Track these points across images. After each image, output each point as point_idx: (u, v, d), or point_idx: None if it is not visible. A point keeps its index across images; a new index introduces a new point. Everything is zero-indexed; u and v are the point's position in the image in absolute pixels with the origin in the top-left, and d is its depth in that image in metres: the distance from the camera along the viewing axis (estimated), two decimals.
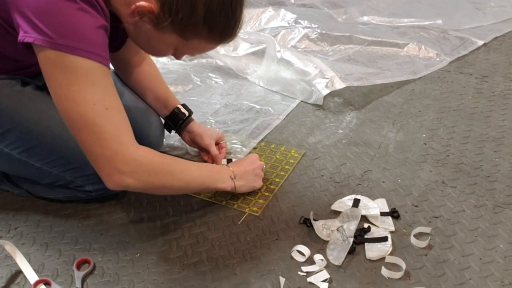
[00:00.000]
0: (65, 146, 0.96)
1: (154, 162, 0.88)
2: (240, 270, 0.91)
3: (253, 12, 2.12)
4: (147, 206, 1.07)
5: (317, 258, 0.92)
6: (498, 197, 1.09)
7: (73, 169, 0.99)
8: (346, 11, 2.24)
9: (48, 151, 0.97)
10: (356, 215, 1.00)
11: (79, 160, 0.96)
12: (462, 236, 0.98)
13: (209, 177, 0.99)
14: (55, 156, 0.97)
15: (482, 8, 2.29)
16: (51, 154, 0.97)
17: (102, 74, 0.81)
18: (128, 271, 0.91)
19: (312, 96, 1.50)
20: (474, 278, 0.88)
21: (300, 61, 1.56)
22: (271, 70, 1.60)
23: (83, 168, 0.98)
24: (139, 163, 0.85)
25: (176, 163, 0.96)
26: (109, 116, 0.82)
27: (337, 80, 1.49)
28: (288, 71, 1.56)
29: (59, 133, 0.95)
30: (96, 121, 0.80)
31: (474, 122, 1.40)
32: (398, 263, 0.91)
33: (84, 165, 0.97)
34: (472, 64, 1.79)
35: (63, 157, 0.97)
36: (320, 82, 1.49)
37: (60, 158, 0.98)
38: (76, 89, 0.79)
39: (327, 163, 1.22)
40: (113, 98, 0.84)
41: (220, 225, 1.01)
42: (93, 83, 0.80)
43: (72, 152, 0.96)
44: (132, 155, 0.84)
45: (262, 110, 1.49)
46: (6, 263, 0.92)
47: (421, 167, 1.20)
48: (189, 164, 1.04)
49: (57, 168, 0.99)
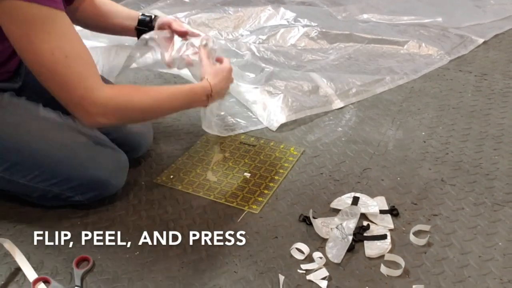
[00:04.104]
0: (45, 160, 0.95)
1: (120, 100, 0.91)
2: (239, 268, 0.91)
3: (252, 11, 2.11)
4: (146, 204, 1.07)
5: (316, 256, 0.92)
6: (497, 195, 1.09)
7: (58, 182, 0.97)
8: (345, 9, 2.23)
9: (29, 167, 0.95)
10: (356, 213, 1.00)
11: (63, 173, 0.96)
12: (461, 234, 0.98)
13: (184, 104, 1.03)
14: (37, 171, 0.96)
15: (482, 5, 2.28)
16: (33, 170, 0.95)
17: (58, 21, 0.82)
18: (127, 269, 0.91)
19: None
20: (473, 276, 0.88)
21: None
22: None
23: (68, 180, 0.97)
24: (106, 104, 0.88)
25: (147, 97, 0.96)
26: (69, 64, 0.83)
27: (336, 99, 1.48)
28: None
29: (38, 148, 0.94)
30: (57, 70, 0.82)
31: (473, 120, 1.40)
32: (397, 261, 0.91)
33: (68, 177, 0.97)
34: (471, 62, 1.79)
35: (45, 171, 0.96)
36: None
37: (42, 173, 0.96)
38: (34, 40, 0.80)
39: (326, 161, 1.22)
40: (72, 44, 0.84)
41: (219, 223, 1.01)
42: (49, 32, 0.80)
43: (53, 166, 0.95)
44: (97, 98, 0.86)
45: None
46: (5, 261, 0.92)
47: (420, 165, 1.20)
48: (161, 96, 1.00)
49: (42, 183, 0.97)
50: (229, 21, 2.06)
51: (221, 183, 1.14)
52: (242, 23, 2.06)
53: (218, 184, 1.14)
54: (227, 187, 1.12)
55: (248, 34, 1.97)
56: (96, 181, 1.00)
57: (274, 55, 1.78)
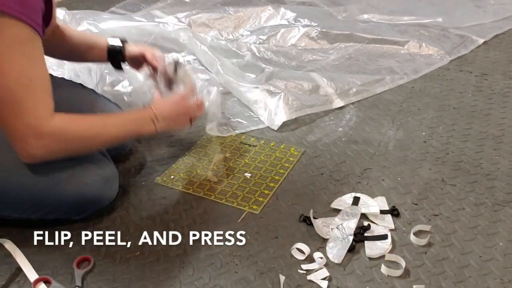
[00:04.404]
0: (30, 195, 0.92)
1: (68, 133, 0.87)
2: (240, 268, 0.91)
3: (253, 11, 2.11)
4: (146, 204, 1.07)
5: (317, 256, 0.92)
6: (497, 195, 1.09)
7: (50, 211, 0.96)
8: (346, 9, 2.23)
9: (16, 203, 0.93)
10: (356, 213, 1.00)
11: (51, 202, 0.95)
12: (461, 234, 0.98)
13: (128, 129, 0.97)
14: (26, 206, 0.94)
15: (482, 5, 2.28)
16: (21, 205, 0.93)
17: (35, 44, 0.81)
18: (127, 269, 0.91)
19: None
20: (473, 276, 0.88)
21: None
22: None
23: (58, 207, 0.96)
24: (51, 136, 0.85)
25: (93, 126, 0.92)
26: (30, 88, 0.81)
27: (336, 98, 1.48)
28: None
29: (20, 183, 0.91)
30: (17, 93, 0.79)
31: (473, 120, 1.40)
32: (397, 261, 0.91)
33: (58, 205, 0.95)
34: (471, 62, 1.79)
35: (33, 204, 0.94)
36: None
37: (32, 207, 0.94)
38: (5, 59, 0.78)
39: (326, 161, 1.22)
40: (39, 68, 0.83)
41: (219, 223, 1.01)
42: (23, 53, 0.79)
43: (39, 197, 0.93)
44: (44, 129, 0.83)
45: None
46: (6, 261, 0.92)
47: (420, 165, 1.20)
48: (107, 121, 0.96)
49: (34, 214, 0.96)
50: (229, 21, 2.06)
51: (222, 183, 1.14)
52: (242, 23, 2.06)
53: (219, 184, 1.14)
54: (227, 188, 1.12)
55: (249, 34, 1.97)
56: (87, 201, 0.98)
57: (274, 55, 1.78)
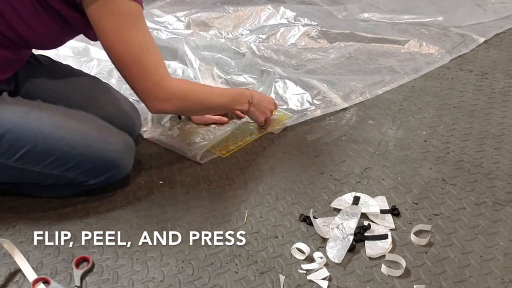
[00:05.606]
0: (58, 146, 0.96)
1: (185, 90, 1.06)
2: (239, 268, 0.90)
3: (252, 10, 2.11)
4: (145, 204, 1.07)
5: (317, 256, 0.92)
6: (498, 194, 1.09)
7: (72, 167, 0.99)
8: (346, 8, 2.23)
9: (42, 153, 0.96)
10: (356, 212, 1.00)
11: (76, 157, 0.97)
12: (462, 234, 0.97)
13: (228, 101, 1.19)
14: (51, 158, 0.96)
15: (482, 4, 2.28)
16: (46, 156, 0.96)
17: (142, 16, 0.95)
18: (127, 269, 0.90)
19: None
20: (474, 276, 0.88)
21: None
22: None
23: (81, 163, 0.98)
24: (174, 92, 1.02)
25: (203, 90, 1.15)
26: (150, 54, 0.97)
27: (339, 101, 1.48)
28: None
29: (49, 133, 0.95)
30: (141, 59, 0.95)
31: (474, 119, 1.40)
32: (398, 261, 0.91)
33: (81, 161, 0.98)
34: (472, 61, 1.78)
35: (59, 157, 0.97)
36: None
37: (57, 159, 0.97)
38: (127, 33, 0.93)
39: (326, 161, 1.22)
40: (151, 37, 0.98)
41: (219, 223, 1.01)
42: (138, 26, 0.95)
43: (66, 150, 0.96)
44: (168, 85, 1.00)
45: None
46: (4, 261, 0.92)
47: (421, 164, 1.20)
48: (214, 91, 1.21)
49: (56, 169, 0.98)
50: (229, 20, 2.06)
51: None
52: (242, 22, 2.06)
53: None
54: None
55: (248, 33, 1.97)
56: (109, 162, 1.02)
57: (274, 54, 1.78)
